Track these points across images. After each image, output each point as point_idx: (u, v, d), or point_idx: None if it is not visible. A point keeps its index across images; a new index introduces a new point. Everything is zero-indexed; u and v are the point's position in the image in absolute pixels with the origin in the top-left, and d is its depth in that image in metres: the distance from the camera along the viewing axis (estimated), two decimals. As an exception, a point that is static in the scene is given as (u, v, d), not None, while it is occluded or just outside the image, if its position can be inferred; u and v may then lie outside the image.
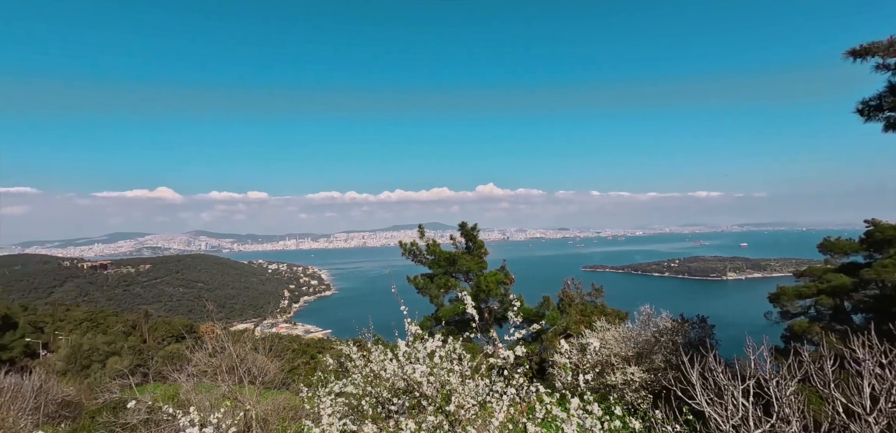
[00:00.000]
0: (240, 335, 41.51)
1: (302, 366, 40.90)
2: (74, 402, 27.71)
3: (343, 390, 6.62)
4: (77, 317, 75.58)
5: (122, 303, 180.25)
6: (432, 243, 23.66)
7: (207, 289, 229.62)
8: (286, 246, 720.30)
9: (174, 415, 4.64)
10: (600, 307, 27.33)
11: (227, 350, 17.83)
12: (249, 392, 15.32)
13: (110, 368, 41.13)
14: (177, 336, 65.19)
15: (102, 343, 52.13)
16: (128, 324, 73.04)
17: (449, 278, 22.39)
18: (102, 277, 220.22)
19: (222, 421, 4.64)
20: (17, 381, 26.02)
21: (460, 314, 22.28)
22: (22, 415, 21.49)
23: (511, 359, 5.14)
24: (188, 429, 4.30)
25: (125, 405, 13.66)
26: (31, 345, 52.79)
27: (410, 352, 5.82)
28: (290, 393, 20.53)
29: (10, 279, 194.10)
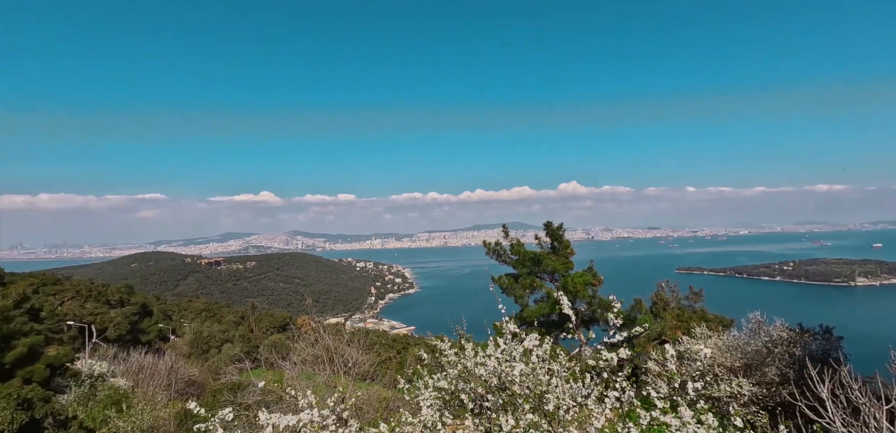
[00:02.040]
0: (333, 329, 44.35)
1: (388, 360, 42.70)
2: (198, 382, 31.51)
3: (437, 384, 6.83)
4: (197, 308, 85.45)
5: (233, 296, 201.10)
6: (516, 243, 23.42)
7: (303, 284, 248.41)
8: (372, 245, 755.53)
9: (295, 396, 5.11)
10: (700, 312, 25.26)
11: (324, 342, 19.16)
12: (344, 382, 16.35)
13: (225, 354, 46.04)
14: (278, 327, 71.34)
15: (218, 331, 58.54)
16: (237, 314, 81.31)
17: (534, 278, 22.02)
18: (216, 273, 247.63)
19: (336, 405, 5.03)
20: (153, 361, 30.19)
21: (546, 315, 21.81)
22: (158, 389, 24.88)
23: (614, 362, 4.96)
24: (307, 410, 4.74)
25: (242, 386, 15.32)
26: (162, 330, 60.78)
27: (508, 349, 5.84)
28: (380, 385, 21.55)
29: (146, 273, 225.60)
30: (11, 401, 13.76)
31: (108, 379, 23.73)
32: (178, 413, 16.87)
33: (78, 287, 60.41)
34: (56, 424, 15.44)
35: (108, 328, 49.40)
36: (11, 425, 13.33)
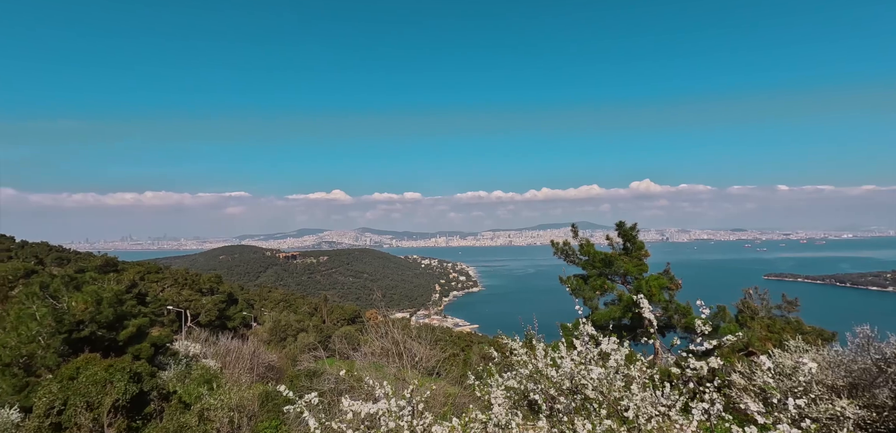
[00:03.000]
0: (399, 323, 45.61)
1: (453, 357, 43.09)
2: (277, 367, 33.75)
3: (507, 383, 6.77)
4: (275, 298, 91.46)
5: (307, 288, 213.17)
6: (585, 243, 22.65)
7: (371, 279, 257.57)
8: (437, 243, 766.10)
9: (372, 386, 5.32)
10: (794, 323, 22.87)
11: (392, 335, 19.73)
12: (411, 376, 16.74)
13: (300, 342, 48.92)
14: (348, 319, 74.55)
15: (294, 320, 62.33)
16: (311, 305, 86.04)
17: (604, 280, 21.18)
18: (292, 266, 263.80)
19: (412, 397, 5.17)
20: (238, 346, 32.77)
21: (617, 318, 20.91)
22: (243, 372, 26.90)
23: (704, 371, 4.62)
24: (382, 400, 4.91)
25: (318, 373, 16.23)
26: (246, 318, 65.77)
27: (584, 352, 5.66)
28: (446, 381, 21.79)
29: (232, 265, 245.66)
30: (125, 375, 15.57)
31: (201, 360, 26.12)
32: (260, 395, 18.16)
33: (175, 275, 67.06)
34: (160, 397, 17.25)
35: (200, 313, 54.37)
36: (125, 395, 15.10)
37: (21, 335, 18.75)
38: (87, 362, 16.19)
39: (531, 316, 8.52)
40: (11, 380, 17.90)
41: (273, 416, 18.33)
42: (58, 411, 14.43)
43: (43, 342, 18.74)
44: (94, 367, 15.64)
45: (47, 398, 14.66)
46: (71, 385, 14.89)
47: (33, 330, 18.84)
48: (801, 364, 5.11)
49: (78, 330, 19.84)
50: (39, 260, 59.12)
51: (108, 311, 21.01)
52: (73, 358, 18.23)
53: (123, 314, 22.46)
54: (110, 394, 14.75)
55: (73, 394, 14.57)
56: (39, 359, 18.51)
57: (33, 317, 19.21)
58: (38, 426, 14.22)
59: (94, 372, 15.26)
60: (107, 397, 14.63)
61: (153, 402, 16.92)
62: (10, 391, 17.42)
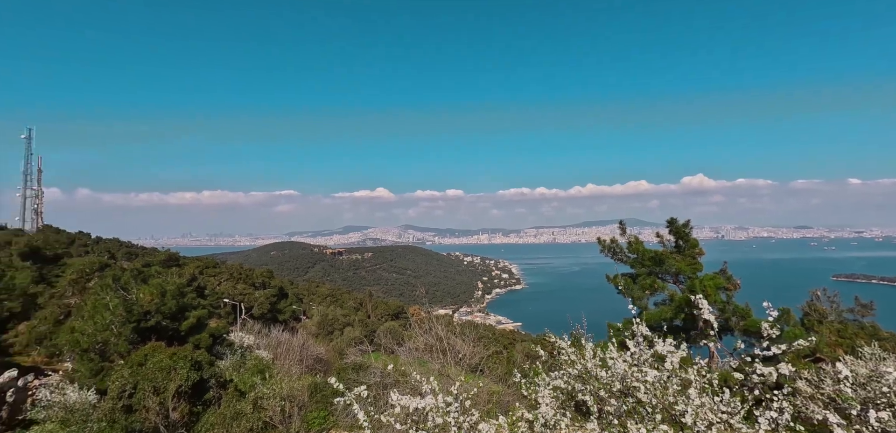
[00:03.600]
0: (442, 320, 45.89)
1: (496, 354, 42.89)
2: (325, 359, 34.86)
3: (554, 383, 6.64)
4: (323, 293, 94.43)
5: (352, 284, 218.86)
6: (634, 240, 21.87)
7: (414, 276, 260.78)
8: (480, 240, 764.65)
9: (419, 381, 5.37)
10: (869, 328, 21.06)
11: (436, 332, 19.87)
12: (455, 372, 16.80)
13: (347, 336, 50.26)
14: (392, 314, 75.82)
15: (340, 315, 64.14)
16: (357, 301, 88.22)
17: (655, 279, 20.35)
18: (339, 262, 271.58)
19: (459, 393, 5.18)
20: (288, 338, 34.09)
21: (668, 319, 20.06)
22: (293, 363, 27.96)
23: (772, 378, 4.32)
24: (429, 395, 4.94)
25: (364, 367, 16.64)
26: (295, 311, 68.36)
27: (637, 353, 5.45)
28: (489, 379, 21.71)
29: (282, 260, 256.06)
30: (187, 362, 16.58)
31: (254, 350, 27.41)
32: (309, 386, 18.81)
33: (231, 270, 70.74)
34: (218, 385, 18.24)
35: (253, 306, 57.05)
36: (187, 382, 16.08)
37: (97, 323, 20.37)
38: (153, 350, 17.36)
39: (579, 314, 8.32)
40: (89, 364, 19.49)
41: (321, 407, 18.95)
42: (129, 394, 15.57)
43: (115, 330, 20.28)
44: (159, 355, 16.75)
45: (120, 382, 15.84)
46: (140, 370, 16.02)
47: (107, 319, 20.43)
48: (884, 373, 4.67)
49: (145, 320, 21.33)
50: (111, 254, 64.02)
51: (171, 303, 22.43)
52: (141, 345, 19.63)
53: (185, 306, 23.92)
54: (174, 381, 15.75)
55: (141, 379, 15.66)
56: (112, 346, 20.05)
57: (107, 307, 20.82)
58: (112, 407, 15.40)
59: (160, 359, 16.34)
60: (171, 383, 15.63)
61: (212, 389, 17.91)
62: (87, 374, 18.97)
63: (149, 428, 15.12)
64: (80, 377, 18.93)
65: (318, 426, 17.98)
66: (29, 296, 29.12)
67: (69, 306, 30.46)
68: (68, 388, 17.34)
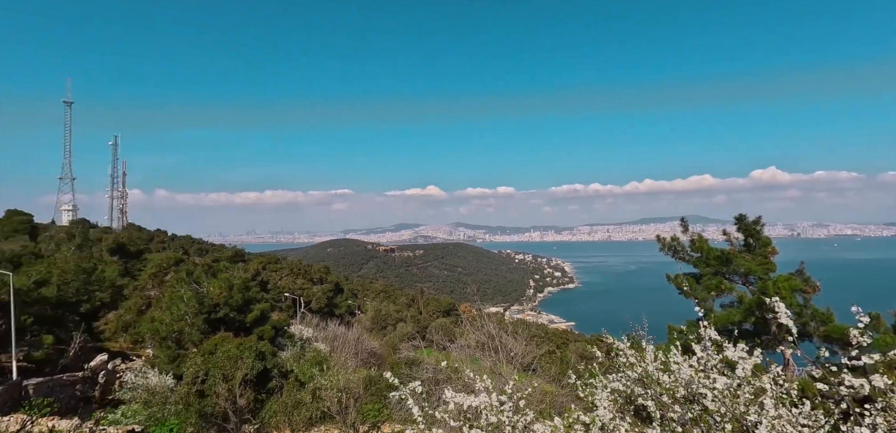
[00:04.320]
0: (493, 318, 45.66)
1: (549, 354, 42.10)
2: (379, 354, 35.77)
3: (611, 386, 6.40)
4: (376, 289, 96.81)
5: (404, 280, 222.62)
6: (698, 238, 20.64)
7: (465, 273, 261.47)
8: (531, 238, 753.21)
9: (473, 378, 5.36)
10: (977, 338, 18.65)
11: (487, 329, 19.78)
12: (507, 371, 16.65)
13: (399, 331, 51.24)
14: (444, 311, 76.43)
15: (393, 311, 65.50)
16: (409, 297, 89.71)
17: (721, 280, 19.11)
18: (391, 259, 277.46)
19: (514, 392, 5.13)
20: (344, 332, 35.25)
21: (737, 322, 18.80)
22: (349, 356, 28.88)
23: (864, 390, 3.91)
24: (483, 393, 4.92)
25: (417, 362, 16.92)
26: (350, 306, 70.60)
27: (705, 358, 5.14)
28: (542, 379, 21.34)
29: (337, 257, 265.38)
30: (252, 353, 17.58)
31: (313, 343, 28.60)
32: (364, 379, 19.36)
33: (291, 266, 74.20)
34: (280, 374, 19.20)
35: (311, 301, 59.54)
36: (252, 371, 17.07)
37: (173, 314, 22.06)
38: (222, 340, 18.55)
39: (636, 315, 7.98)
40: (167, 351, 21.16)
41: (376, 400, 19.45)
42: (201, 380, 16.74)
43: (189, 321, 21.87)
44: (228, 345, 17.88)
45: (194, 369, 17.07)
46: (211, 358, 17.18)
47: (182, 310, 22.07)
48: None
49: (215, 311, 22.82)
50: (185, 250, 69.11)
51: (237, 296, 23.86)
52: (212, 335, 21.05)
53: (250, 299, 25.36)
54: (241, 369, 16.76)
55: (212, 367, 16.80)
56: (187, 335, 21.64)
57: (182, 299, 22.49)
58: (187, 392, 16.63)
59: (229, 349, 17.43)
60: (238, 371, 16.64)
61: (274, 379, 18.89)
62: (165, 360, 20.60)
63: (219, 412, 16.19)
64: (159, 362, 20.62)
65: (372, 418, 18.48)
66: (116, 288, 32.05)
67: (150, 298, 33.22)
68: (150, 373, 18.94)
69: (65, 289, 24.01)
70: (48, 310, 22.91)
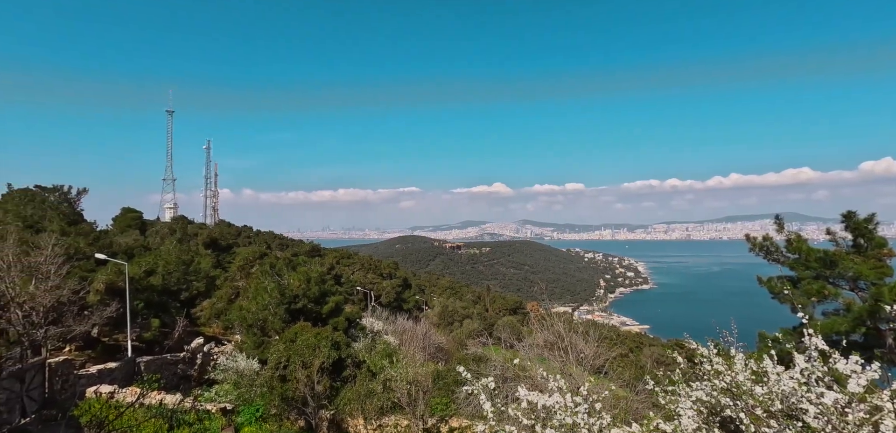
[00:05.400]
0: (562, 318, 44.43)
1: (621, 357, 40.26)
2: (445, 349, 36.26)
3: (695, 394, 5.98)
4: (443, 285, 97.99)
5: (470, 278, 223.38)
6: (795, 238, 18.69)
7: (532, 271, 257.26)
8: (602, 236, 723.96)
9: (545, 378, 5.27)
10: None
11: (556, 329, 19.31)
12: (577, 372, 16.15)
13: (466, 328, 51.56)
14: (510, 309, 75.76)
15: (459, 307, 66.00)
16: (475, 294, 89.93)
17: (823, 284, 17.15)
18: (457, 256, 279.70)
19: (589, 395, 4.96)
20: (412, 326, 36.10)
21: (844, 332, 16.82)
22: (417, 350, 29.54)
23: None
24: (556, 394, 4.81)
25: (484, 359, 16.95)
26: (418, 301, 72.19)
27: (809, 370, 4.64)
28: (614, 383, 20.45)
29: (405, 253, 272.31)
30: (328, 342, 18.57)
31: (383, 336, 29.62)
32: (433, 373, 19.72)
33: (362, 261, 77.33)
34: (353, 364, 20.11)
35: (381, 295, 61.64)
36: (328, 359, 18.04)
37: (258, 303, 23.82)
38: (302, 329, 19.76)
39: (721, 319, 7.38)
40: (253, 337, 22.90)
41: (443, 394, 19.74)
42: (283, 366, 17.96)
43: (272, 310, 23.52)
44: (307, 334, 19.02)
45: (276, 355, 18.35)
46: (292, 346, 18.37)
47: (266, 300, 23.78)
48: None
49: (294, 302, 24.36)
50: (268, 245, 74.36)
51: (314, 289, 25.27)
52: (292, 324, 22.50)
53: (325, 291, 26.76)
54: (318, 357, 17.76)
55: (293, 354, 17.96)
56: (270, 324, 23.29)
57: (266, 290, 24.23)
58: (271, 376, 17.91)
59: (307, 337, 18.54)
60: (316, 359, 17.65)
61: (348, 368, 19.81)
62: (252, 346, 22.32)
63: (299, 397, 17.27)
64: (246, 348, 22.41)
65: (440, 412, 18.78)
66: (210, 279, 35.22)
67: (238, 288, 36.18)
68: (238, 357, 20.66)
69: (168, 279, 26.82)
70: (155, 296, 25.71)
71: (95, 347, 22.48)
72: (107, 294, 22.61)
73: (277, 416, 17.66)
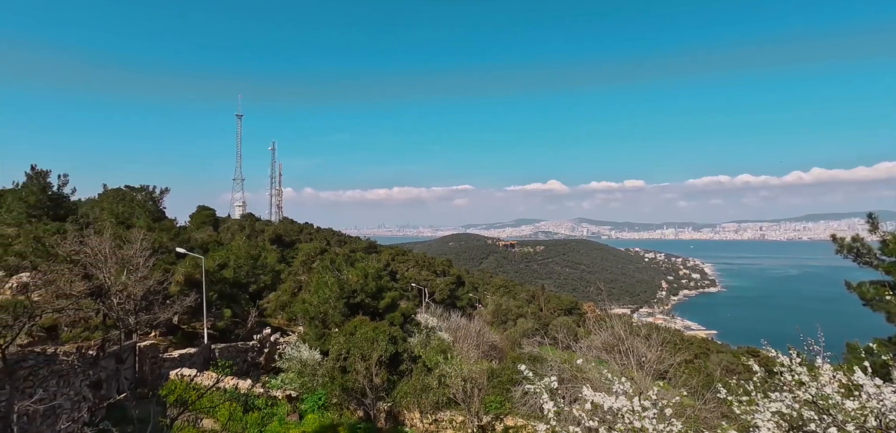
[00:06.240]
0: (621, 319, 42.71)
1: (686, 363, 38.13)
2: (499, 347, 36.09)
3: (772, 406, 5.57)
4: (496, 284, 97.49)
5: (524, 276, 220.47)
6: (892, 239, 16.93)
7: (588, 271, 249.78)
8: (664, 235, 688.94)
9: (610, 379, 5.13)
10: None
11: (615, 331, 18.64)
12: (639, 377, 15.51)
13: (520, 327, 51.01)
14: (565, 309, 74.08)
15: (513, 306, 65.40)
16: (529, 293, 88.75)
17: (927, 291, 15.45)
18: (511, 254, 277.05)
19: (658, 399, 4.76)
20: (466, 323, 36.25)
21: (951, 346, 15.08)
22: (470, 347, 29.63)
23: None
24: (621, 397, 4.66)
25: (541, 359, 16.73)
26: (471, 299, 72.36)
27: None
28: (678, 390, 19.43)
29: (458, 250, 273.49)
30: (385, 336, 19.09)
31: (437, 332, 29.98)
32: (487, 370, 19.70)
33: (416, 258, 78.66)
34: (410, 358, 20.54)
35: (435, 292, 62.38)
36: (385, 353, 18.55)
37: (319, 297, 24.89)
38: (360, 323, 20.44)
39: (807, 327, 6.79)
40: (315, 329, 23.98)
41: (498, 393, 19.68)
42: (343, 357, 18.68)
43: (332, 304, 24.51)
44: (365, 328, 19.65)
45: (337, 346, 19.11)
46: (351, 339, 19.06)
47: (326, 294, 24.81)
48: None
49: (353, 296, 25.24)
50: (327, 241, 77.49)
51: (372, 284, 26.04)
52: (350, 318, 23.35)
53: (381, 287, 27.50)
54: (376, 350, 18.30)
55: (353, 347, 18.63)
56: (330, 317, 24.28)
57: (326, 284, 25.28)
58: (332, 366, 18.69)
59: (366, 331, 19.15)
60: (374, 352, 18.20)
61: (404, 362, 20.25)
62: (314, 337, 23.37)
63: (358, 388, 17.90)
64: (309, 339, 23.51)
65: (495, 410, 18.74)
66: (275, 272, 37.25)
67: (301, 282, 38.06)
68: (302, 347, 21.71)
69: (238, 272, 28.69)
70: (227, 288, 27.61)
71: (176, 334, 24.50)
72: (186, 285, 24.59)
73: (338, 406, 18.40)
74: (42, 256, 20.73)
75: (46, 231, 23.18)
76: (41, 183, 30.09)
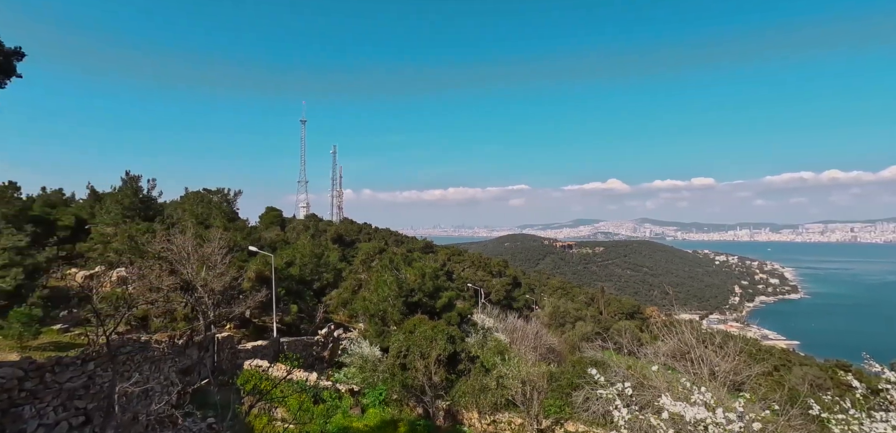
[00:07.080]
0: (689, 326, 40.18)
1: (765, 376, 35.25)
2: (556, 350, 35.28)
3: (877, 426, 5.01)
4: (553, 285, 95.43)
5: (582, 278, 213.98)
6: None
7: (651, 274, 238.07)
8: (737, 236, 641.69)
9: (688, 389, 4.84)
10: None
11: (685, 338, 17.61)
12: (711, 388, 14.52)
13: (578, 330, 49.59)
14: (626, 313, 71.08)
15: (571, 308, 63.70)
16: (588, 295, 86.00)
17: None
18: (568, 255, 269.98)
19: (746, 412, 4.42)
20: (523, 325, 35.74)
21: None
22: (528, 349, 29.20)
23: None
24: (700, 407, 4.38)
25: (602, 364, 16.14)
26: (528, 300, 71.30)
27: None
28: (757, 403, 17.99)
29: (514, 251, 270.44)
30: (444, 336, 19.27)
31: (494, 333, 29.82)
32: (546, 373, 19.33)
33: (472, 258, 78.65)
34: (468, 358, 20.59)
35: (491, 292, 62.09)
36: (444, 352, 18.72)
37: (379, 295, 25.56)
38: (419, 321, 20.77)
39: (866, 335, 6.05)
40: (375, 326, 24.65)
41: (557, 397, 19.24)
42: (403, 355, 19.07)
43: (391, 302, 25.08)
44: (424, 326, 19.94)
45: (397, 344, 19.54)
46: (411, 337, 19.42)
47: (385, 292, 25.43)
48: None
49: (411, 295, 25.68)
50: (385, 241, 79.45)
51: (429, 283, 26.37)
52: (409, 316, 23.78)
53: (438, 287, 27.78)
54: (435, 349, 18.52)
55: (412, 345, 18.97)
56: (389, 315, 24.87)
57: (385, 283, 25.91)
58: (392, 363, 19.13)
59: (425, 329, 19.44)
60: (433, 351, 18.43)
61: (463, 362, 20.33)
62: (374, 334, 24.04)
63: (417, 385, 18.20)
64: (369, 336, 24.22)
65: (555, 414, 18.35)
66: (337, 271, 38.75)
67: (361, 280, 39.29)
68: (363, 343, 22.42)
69: (304, 270, 30.13)
70: (293, 284, 29.08)
71: (248, 327, 26.16)
72: (257, 281, 26.19)
73: (398, 402, 18.82)
74: (135, 253, 22.94)
75: (138, 230, 25.62)
76: (133, 186, 33.29)
